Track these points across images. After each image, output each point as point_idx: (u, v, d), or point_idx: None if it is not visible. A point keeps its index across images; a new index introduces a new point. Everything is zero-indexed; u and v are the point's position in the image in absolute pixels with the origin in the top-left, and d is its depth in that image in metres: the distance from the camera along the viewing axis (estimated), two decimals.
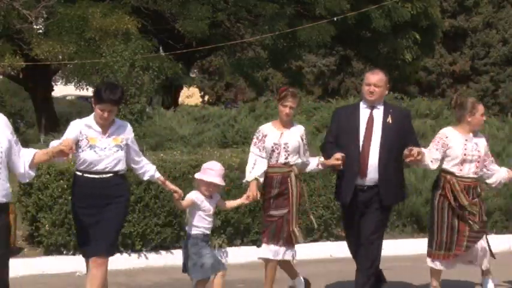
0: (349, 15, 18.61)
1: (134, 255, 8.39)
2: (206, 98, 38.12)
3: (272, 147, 6.61)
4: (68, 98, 33.09)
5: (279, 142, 6.60)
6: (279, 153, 6.61)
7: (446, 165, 6.79)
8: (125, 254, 8.26)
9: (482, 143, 6.89)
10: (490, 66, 34.49)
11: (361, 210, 6.63)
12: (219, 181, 6.19)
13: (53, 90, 21.96)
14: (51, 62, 15.97)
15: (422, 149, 6.68)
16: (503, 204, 10.33)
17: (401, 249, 9.39)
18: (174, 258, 8.54)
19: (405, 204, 10.11)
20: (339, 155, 6.46)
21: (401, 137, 6.49)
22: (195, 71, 35.39)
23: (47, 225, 8.03)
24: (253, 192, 6.53)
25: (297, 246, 8.71)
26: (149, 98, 14.10)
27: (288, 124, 6.72)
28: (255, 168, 6.62)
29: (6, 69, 15.90)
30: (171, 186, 6.22)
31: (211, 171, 6.19)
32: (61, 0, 16.71)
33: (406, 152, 6.37)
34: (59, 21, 16.28)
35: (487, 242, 6.89)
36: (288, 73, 24.03)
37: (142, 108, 12.47)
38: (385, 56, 22.06)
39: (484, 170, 6.98)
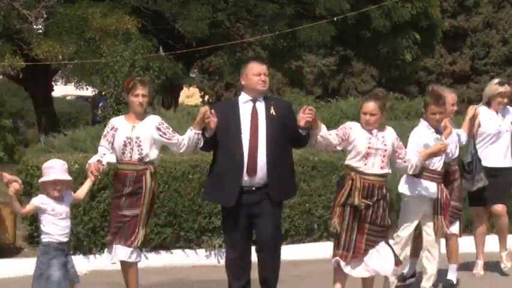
0: (349, 15, 18.61)
1: None
2: (206, 98, 38.13)
3: (124, 141, 6.19)
4: (68, 98, 33.11)
5: (131, 136, 6.20)
6: (132, 149, 6.18)
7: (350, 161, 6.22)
8: None
9: (390, 136, 6.29)
10: (490, 66, 34.47)
11: (249, 213, 6.05)
12: (64, 176, 5.63)
13: (53, 90, 21.96)
14: (51, 62, 15.97)
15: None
16: None
17: None
18: (174, 258, 8.55)
19: None
20: None
21: (287, 129, 6.04)
22: (195, 71, 35.36)
23: None
24: (94, 168, 5.97)
25: (297, 246, 8.77)
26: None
27: (140, 116, 6.30)
28: (105, 156, 6.19)
29: (6, 69, 15.89)
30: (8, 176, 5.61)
31: (52, 169, 5.63)
32: (61, 0, 16.71)
33: (301, 113, 5.95)
34: (59, 21, 16.28)
35: (391, 249, 6.31)
36: (288, 73, 24.02)
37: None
38: (385, 56, 22.05)
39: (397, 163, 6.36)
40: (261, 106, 6.11)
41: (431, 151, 6.62)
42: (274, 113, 6.07)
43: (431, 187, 6.77)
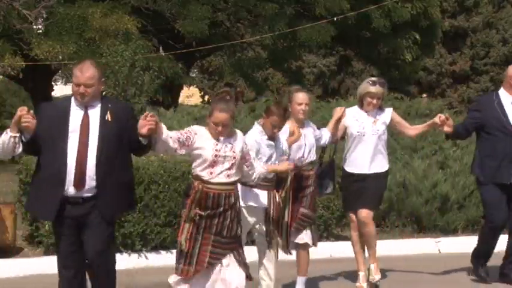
0: (349, 15, 18.61)
1: (134, 255, 8.38)
2: (206, 98, 38.12)
3: None
4: None
5: None
6: None
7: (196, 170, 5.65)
8: (124, 254, 8.25)
9: (239, 142, 5.70)
10: (490, 66, 34.48)
11: (78, 226, 5.45)
12: None
13: (53, 90, 21.96)
14: (51, 62, 15.97)
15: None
16: None
17: (401, 249, 9.38)
18: (174, 258, 8.54)
19: (405, 204, 10.12)
20: None
21: (125, 136, 5.44)
22: (195, 71, 35.36)
23: (47, 225, 8.02)
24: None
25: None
26: (149, 98, 14.10)
27: None
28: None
29: (6, 69, 15.88)
30: None
31: None
32: (61, 0, 16.72)
33: (141, 120, 5.33)
34: (59, 21, 16.28)
35: (243, 262, 5.68)
36: (288, 73, 24.02)
37: (143, 108, 12.48)
38: (385, 56, 22.06)
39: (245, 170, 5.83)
40: (95, 110, 5.44)
41: (278, 169, 6.22)
42: (109, 118, 5.43)
43: (261, 196, 6.24)
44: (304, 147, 6.73)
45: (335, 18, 18.14)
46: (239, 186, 5.97)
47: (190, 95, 36.24)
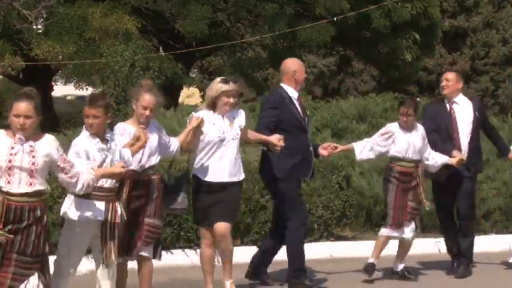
0: (349, 15, 18.61)
1: None
2: None
3: None
4: (68, 98, 33.11)
5: None
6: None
7: None
8: None
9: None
10: (490, 66, 34.46)
11: None
12: None
13: (53, 90, 21.97)
14: (51, 62, 15.98)
15: None
16: (503, 204, 10.31)
17: None
18: (174, 258, 8.55)
19: None
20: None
21: None
22: (195, 71, 35.35)
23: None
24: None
25: None
26: None
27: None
28: None
29: (6, 69, 15.90)
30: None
31: None
32: (61, 0, 16.73)
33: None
34: (59, 21, 16.30)
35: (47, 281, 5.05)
36: None
37: None
38: (385, 56, 22.05)
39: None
40: None
41: (107, 172, 5.48)
42: None
43: (99, 207, 5.55)
44: (144, 150, 5.97)
45: (335, 18, 18.14)
46: (72, 197, 5.50)
47: (190, 95, 36.22)
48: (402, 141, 7.61)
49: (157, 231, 6.09)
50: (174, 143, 6.32)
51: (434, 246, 9.53)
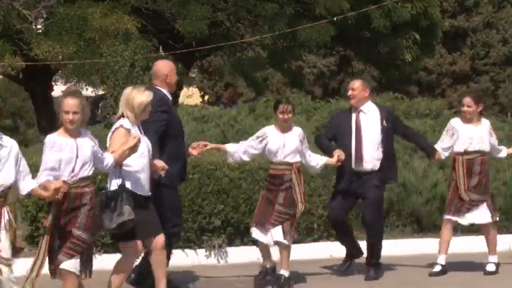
0: (349, 15, 18.60)
1: None
2: (206, 98, 38.11)
3: None
4: None
5: None
6: None
7: None
8: None
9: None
10: (490, 66, 34.46)
11: None
12: None
13: (53, 90, 21.97)
14: (51, 62, 15.97)
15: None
16: (503, 204, 10.30)
17: (401, 249, 9.38)
18: (174, 258, 8.54)
19: (405, 204, 10.12)
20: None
21: None
22: (195, 71, 35.33)
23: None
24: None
25: (297, 246, 8.79)
26: None
27: None
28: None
29: (6, 69, 15.89)
30: None
31: None
32: (61, 0, 16.72)
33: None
34: (59, 21, 16.28)
35: None
36: (288, 73, 24.01)
37: None
38: (385, 56, 22.03)
39: None
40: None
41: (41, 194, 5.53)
42: None
43: None
44: (76, 160, 5.74)
45: (335, 18, 18.12)
46: None
47: (190, 95, 36.21)
48: (275, 142, 7.44)
49: (81, 244, 5.75)
50: (108, 157, 6.02)
51: (434, 246, 9.52)
